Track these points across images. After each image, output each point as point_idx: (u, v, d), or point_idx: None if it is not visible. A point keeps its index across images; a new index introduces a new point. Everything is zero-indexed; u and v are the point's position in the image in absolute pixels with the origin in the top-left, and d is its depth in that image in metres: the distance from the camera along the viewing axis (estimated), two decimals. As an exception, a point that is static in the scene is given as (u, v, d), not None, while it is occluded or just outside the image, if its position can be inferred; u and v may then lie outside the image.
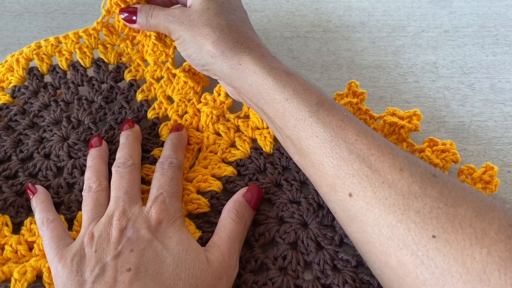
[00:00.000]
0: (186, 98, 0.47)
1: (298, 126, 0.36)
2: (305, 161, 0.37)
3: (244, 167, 0.44)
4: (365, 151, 0.33)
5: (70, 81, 0.49)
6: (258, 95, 0.39)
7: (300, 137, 0.36)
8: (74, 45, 0.49)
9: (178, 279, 0.33)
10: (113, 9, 0.48)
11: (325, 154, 0.35)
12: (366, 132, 0.35)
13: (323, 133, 0.35)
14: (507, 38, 0.57)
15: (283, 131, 0.38)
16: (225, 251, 0.36)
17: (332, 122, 0.35)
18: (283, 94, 0.37)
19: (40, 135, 0.46)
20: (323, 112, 0.36)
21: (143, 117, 0.47)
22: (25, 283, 0.36)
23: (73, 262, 0.34)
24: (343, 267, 0.38)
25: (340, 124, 0.35)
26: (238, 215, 0.38)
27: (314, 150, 0.35)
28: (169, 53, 0.49)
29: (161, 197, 0.38)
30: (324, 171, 0.35)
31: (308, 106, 0.36)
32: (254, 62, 0.39)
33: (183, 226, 0.37)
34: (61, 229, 0.38)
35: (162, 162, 0.41)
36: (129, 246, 0.34)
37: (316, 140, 0.35)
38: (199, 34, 0.42)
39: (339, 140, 0.34)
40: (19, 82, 0.49)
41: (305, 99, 0.36)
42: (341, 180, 0.34)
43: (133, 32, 0.50)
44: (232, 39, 0.41)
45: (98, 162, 0.42)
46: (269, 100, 0.38)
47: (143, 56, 0.50)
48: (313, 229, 0.39)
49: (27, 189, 0.41)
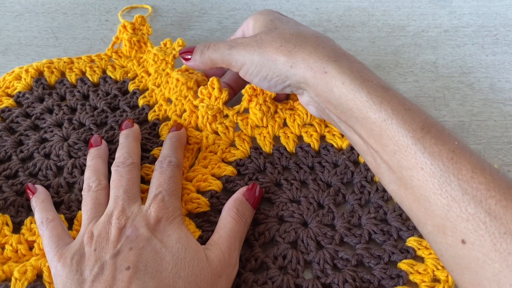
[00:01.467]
0: (182, 95, 0.47)
1: (398, 153, 0.31)
2: (406, 193, 0.32)
3: (244, 166, 0.44)
4: (482, 192, 0.28)
5: (76, 90, 0.50)
6: (348, 112, 0.34)
7: (401, 165, 0.31)
8: (86, 65, 0.52)
9: (177, 277, 0.33)
10: (121, 35, 0.52)
11: (432, 190, 0.30)
12: (484, 167, 0.29)
13: (430, 166, 0.30)
14: (506, 38, 0.57)
15: (379, 154, 0.33)
16: (225, 250, 0.36)
17: (442, 153, 0.30)
18: (379, 113, 0.32)
19: (41, 136, 0.46)
20: (430, 139, 0.30)
21: (144, 119, 0.48)
22: (26, 282, 0.36)
23: (73, 261, 0.34)
24: (343, 266, 0.38)
25: (452, 156, 0.30)
26: (239, 214, 0.38)
27: (419, 183, 0.30)
28: (168, 61, 0.50)
29: (160, 196, 0.38)
30: (430, 209, 0.30)
31: (412, 130, 0.31)
32: (342, 71, 0.34)
33: (182, 224, 0.37)
34: (60, 228, 0.38)
35: (161, 161, 0.41)
36: (128, 245, 0.34)
37: (421, 172, 0.30)
38: (270, 49, 0.37)
39: (450, 176, 0.29)
40: (25, 89, 0.50)
41: (408, 122, 0.31)
42: (451, 223, 0.29)
43: (140, 53, 0.52)
44: (311, 45, 0.36)
45: (97, 162, 0.42)
46: (361, 119, 0.33)
47: (147, 70, 0.51)
48: (313, 228, 0.40)
49: (27, 189, 0.41)
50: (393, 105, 0.32)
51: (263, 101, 0.45)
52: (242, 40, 0.39)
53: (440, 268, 0.37)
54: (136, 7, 0.60)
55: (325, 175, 0.43)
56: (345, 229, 0.39)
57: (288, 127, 0.46)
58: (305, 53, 0.36)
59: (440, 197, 0.29)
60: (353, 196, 0.41)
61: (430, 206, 0.30)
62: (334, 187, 0.42)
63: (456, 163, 0.29)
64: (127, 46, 0.52)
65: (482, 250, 0.28)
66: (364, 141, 0.34)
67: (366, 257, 0.38)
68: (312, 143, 0.45)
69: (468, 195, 0.28)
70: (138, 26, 0.53)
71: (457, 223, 0.29)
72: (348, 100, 0.34)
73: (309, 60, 0.35)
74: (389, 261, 0.38)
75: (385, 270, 0.37)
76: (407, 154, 0.31)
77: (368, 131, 0.33)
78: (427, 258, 0.37)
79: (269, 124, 0.46)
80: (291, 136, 0.45)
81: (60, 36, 0.57)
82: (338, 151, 0.44)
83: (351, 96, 0.33)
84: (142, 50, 0.53)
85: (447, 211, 0.29)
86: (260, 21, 0.41)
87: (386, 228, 0.39)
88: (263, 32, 0.39)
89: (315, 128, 0.45)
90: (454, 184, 0.29)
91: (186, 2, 0.62)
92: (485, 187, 0.28)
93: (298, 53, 0.36)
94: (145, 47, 0.53)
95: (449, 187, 0.29)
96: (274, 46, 0.37)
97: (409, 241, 0.39)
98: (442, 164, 0.29)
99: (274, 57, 0.37)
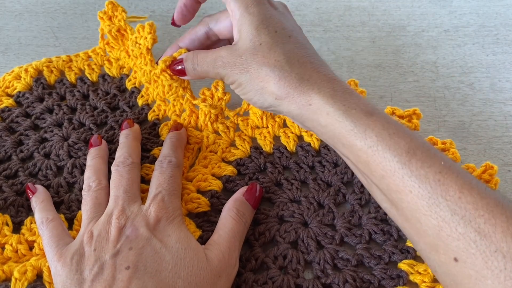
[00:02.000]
0: (179, 95, 0.47)
1: (386, 178, 0.31)
2: (398, 213, 0.32)
3: (244, 166, 0.44)
4: (471, 212, 0.28)
5: (76, 90, 0.50)
6: (334, 139, 0.35)
7: (390, 189, 0.32)
8: (84, 63, 0.51)
9: (177, 277, 0.33)
10: (104, 25, 0.51)
11: (422, 212, 0.30)
12: (471, 186, 0.29)
13: (418, 189, 0.30)
14: (507, 38, 0.57)
15: (368, 177, 0.34)
16: (225, 249, 0.36)
17: (429, 175, 0.30)
18: (364, 140, 0.32)
19: (41, 136, 0.46)
20: (416, 162, 0.30)
21: (144, 119, 0.48)
22: (26, 282, 0.36)
23: (73, 261, 0.34)
24: (344, 266, 0.38)
25: (439, 177, 0.30)
26: (239, 214, 0.38)
27: (409, 205, 0.31)
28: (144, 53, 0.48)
29: (160, 196, 0.38)
30: (422, 229, 0.30)
31: (397, 155, 0.31)
32: (326, 102, 0.34)
33: (182, 224, 0.37)
34: (60, 228, 0.38)
35: (161, 161, 0.41)
36: (128, 244, 0.34)
37: (410, 195, 0.30)
38: (257, 76, 0.37)
39: (438, 198, 0.29)
40: (24, 89, 0.50)
41: (393, 147, 0.31)
42: (443, 242, 0.29)
43: (125, 40, 0.51)
44: (296, 75, 0.36)
45: (97, 161, 0.42)
46: (348, 146, 0.33)
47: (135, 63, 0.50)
48: (314, 228, 0.39)
49: (27, 189, 0.41)
50: (377, 131, 0.32)
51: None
52: (228, 57, 0.39)
53: (441, 268, 0.37)
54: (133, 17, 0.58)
55: (326, 174, 0.43)
56: (345, 229, 0.39)
57: (288, 127, 0.46)
58: (290, 87, 0.36)
59: (430, 218, 0.29)
60: (354, 196, 0.41)
61: (421, 227, 0.30)
62: (335, 187, 0.42)
63: (443, 184, 0.29)
64: (110, 38, 0.51)
65: (474, 268, 0.28)
66: (354, 165, 0.35)
67: (367, 257, 0.38)
68: (312, 142, 0.45)
69: (457, 215, 0.28)
70: (112, 13, 0.51)
71: (449, 242, 0.29)
72: (334, 129, 0.34)
73: (294, 94, 0.35)
74: (390, 261, 0.38)
75: (385, 270, 0.37)
76: (394, 178, 0.31)
77: (356, 157, 0.33)
78: (428, 258, 0.37)
79: (269, 124, 0.46)
80: (291, 136, 0.45)
81: (60, 36, 0.57)
82: (338, 151, 0.44)
83: (337, 125, 0.33)
84: (126, 37, 0.51)
85: (438, 231, 0.29)
86: (245, 27, 0.39)
87: (387, 228, 0.39)
88: (247, 50, 0.38)
89: (315, 128, 0.45)
90: (443, 205, 0.29)
91: None
92: (473, 207, 0.28)
93: (282, 87, 0.36)
94: (126, 34, 0.51)
95: (438, 209, 0.29)
96: (261, 75, 0.37)
97: (409, 241, 0.39)
98: (429, 187, 0.30)
99: (260, 85, 0.37)
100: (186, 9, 0.45)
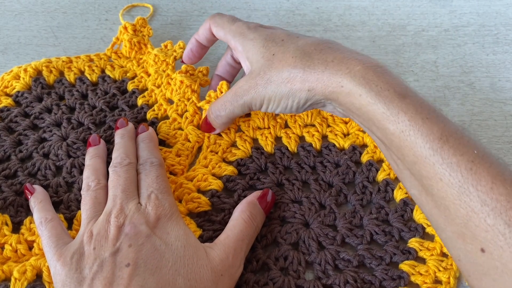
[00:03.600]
0: (185, 97, 0.47)
1: (418, 164, 0.31)
2: (427, 199, 0.32)
3: (245, 166, 0.44)
4: (503, 204, 0.27)
5: (75, 90, 0.49)
6: (369, 122, 0.34)
7: (421, 175, 0.31)
8: (84, 64, 0.51)
9: (177, 274, 0.33)
10: (122, 36, 0.52)
11: (451, 200, 0.29)
12: (504, 178, 0.28)
13: (448, 177, 0.29)
14: (507, 37, 0.57)
15: (400, 162, 0.33)
16: (229, 250, 0.36)
17: (461, 163, 0.29)
18: (396, 124, 0.32)
19: (40, 135, 0.46)
20: (448, 150, 0.30)
21: (142, 118, 0.47)
22: (25, 282, 0.36)
23: (72, 260, 0.34)
24: (345, 267, 0.38)
25: (471, 166, 0.29)
26: (251, 217, 0.38)
27: (438, 193, 0.30)
28: (169, 62, 0.50)
29: (153, 195, 0.38)
30: (450, 217, 0.30)
31: (430, 141, 0.30)
32: (358, 82, 0.33)
33: (180, 220, 0.37)
34: (59, 228, 0.37)
35: (143, 164, 0.41)
36: (127, 242, 0.34)
37: (440, 183, 0.30)
38: (281, 82, 0.36)
39: (469, 187, 0.29)
40: (23, 88, 0.49)
41: (425, 133, 0.30)
42: (471, 232, 0.29)
43: (140, 54, 0.52)
44: (319, 61, 0.35)
45: (96, 161, 0.42)
46: (382, 129, 0.33)
47: (147, 70, 0.51)
48: (315, 229, 0.39)
49: (25, 189, 0.41)
50: (410, 115, 0.31)
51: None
52: (246, 84, 0.39)
53: (442, 269, 0.37)
54: (137, 5, 0.60)
55: (327, 175, 0.43)
56: (346, 230, 0.39)
57: (290, 128, 0.46)
58: (317, 73, 0.35)
59: (460, 207, 0.29)
60: (355, 197, 0.41)
61: (449, 215, 0.30)
62: (336, 187, 0.42)
63: (475, 173, 0.29)
64: (127, 47, 0.52)
65: (501, 260, 0.27)
66: (387, 148, 0.34)
67: (368, 258, 0.38)
68: (314, 142, 0.44)
69: (487, 206, 0.28)
70: (139, 27, 0.53)
71: (476, 232, 0.28)
72: (368, 111, 0.33)
73: (323, 79, 0.35)
74: (391, 262, 0.38)
75: (386, 271, 0.37)
76: (425, 165, 0.30)
77: (389, 141, 0.33)
78: (429, 260, 0.37)
79: (270, 124, 0.45)
80: (293, 136, 0.45)
81: (59, 36, 0.57)
82: (340, 151, 0.44)
83: (370, 107, 0.33)
84: (142, 51, 0.52)
85: (466, 221, 0.29)
86: (252, 50, 0.39)
87: (388, 229, 0.39)
88: (265, 66, 0.38)
89: (316, 128, 0.45)
90: (473, 195, 0.28)
91: (186, 1, 0.61)
92: (505, 198, 0.28)
93: (310, 75, 0.35)
94: (145, 48, 0.52)
95: (468, 198, 0.29)
96: (283, 78, 0.36)
97: (411, 242, 0.39)
98: (460, 175, 0.29)
99: (288, 87, 0.36)
100: (192, 54, 0.48)
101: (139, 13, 0.59)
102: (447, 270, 0.37)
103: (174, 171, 0.43)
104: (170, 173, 0.43)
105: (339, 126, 0.45)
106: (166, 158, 0.44)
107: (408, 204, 0.40)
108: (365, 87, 0.33)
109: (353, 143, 0.44)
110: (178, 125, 0.47)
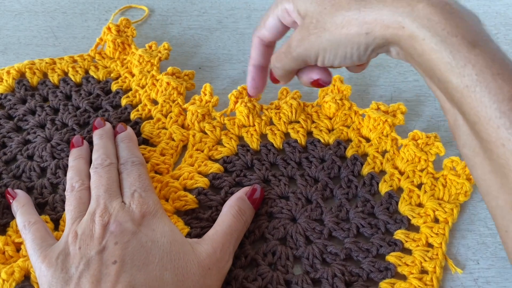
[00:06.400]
0: (170, 99, 0.48)
1: (478, 125, 0.28)
2: (483, 163, 0.29)
3: (231, 163, 0.44)
4: None
5: (58, 91, 0.49)
6: (430, 71, 0.30)
7: (481, 136, 0.28)
8: (68, 65, 0.51)
9: (164, 269, 0.33)
10: (105, 36, 0.52)
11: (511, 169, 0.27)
12: None
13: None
14: (507, 37, 0.57)
15: (460, 117, 0.30)
16: (218, 245, 0.36)
17: None
18: (461, 77, 0.27)
19: (24, 137, 0.45)
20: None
21: (126, 118, 0.47)
22: (13, 283, 0.36)
23: (58, 260, 0.34)
24: (332, 260, 0.38)
25: None
26: (240, 212, 0.38)
27: (498, 159, 0.27)
28: (154, 63, 0.50)
29: (136, 193, 0.38)
30: (507, 186, 0.28)
31: (497, 101, 0.26)
32: (422, 24, 0.28)
33: (165, 218, 0.37)
34: (43, 230, 0.37)
35: (124, 164, 0.41)
36: (113, 240, 0.34)
37: (501, 149, 0.27)
38: (335, 28, 0.32)
39: None
40: (7, 91, 0.49)
41: (493, 91, 0.26)
42: None
43: (124, 55, 0.52)
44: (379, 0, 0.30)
45: (80, 162, 0.41)
46: (443, 81, 0.29)
47: (131, 71, 0.51)
48: (302, 224, 0.40)
49: (7, 194, 0.41)
50: (478, 68, 0.27)
51: (248, 100, 0.46)
52: (301, 34, 0.34)
53: (428, 259, 0.37)
54: (132, 7, 0.60)
55: (313, 170, 0.43)
56: (333, 224, 0.39)
57: (275, 124, 0.46)
58: (375, 11, 0.30)
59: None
60: (341, 191, 0.41)
61: (507, 183, 0.27)
62: (322, 182, 0.42)
63: None
64: (111, 47, 0.52)
65: None
66: (447, 104, 0.31)
67: (355, 251, 0.38)
68: (299, 138, 0.45)
69: None
70: (123, 28, 0.53)
71: None
72: (430, 59, 0.29)
73: (382, 18, 0.30)
74: (377, 254, 0.38)
75: (373, 263, 0.37)
76: (488, 127, 0.27)
77: (449, 96, 0.29)
78: (415, 250, 0.38)
79: (255, 122, 0.46)
80: (278, 133, 0.45)
81: (59, 36, 0.57)
82: (325, 146, 0.45)
83: (433, 55, 0.28)
84: (126, 52, 0.52)
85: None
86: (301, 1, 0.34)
87: (374, 222, 0.40)
88: (316, 12, 0.33)
89: (301, 124, 0.46)
90: None
91: (185, 1, 0.61)
92: None
93: (366, 16, 0.30)
94: (129, 48, 0.52)
95: None
96: (338, 23, 0.32)
97: (397, 234, 0.39)
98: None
99: (344, 33, 0.32)
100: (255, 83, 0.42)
101: (136, 14, 0.59)
102: (433, 260, 0.37)
103: (159, 170, 0.43)
104: (155, 172, 0.43)
105: (324, 122, 0.46)
106: (151, 157, 0.44)
107: (393, 197, 0.41)
108: (429, 30, 0.28)
109: (338, 138, 0.45)
110: (162, 125, 0.47)
